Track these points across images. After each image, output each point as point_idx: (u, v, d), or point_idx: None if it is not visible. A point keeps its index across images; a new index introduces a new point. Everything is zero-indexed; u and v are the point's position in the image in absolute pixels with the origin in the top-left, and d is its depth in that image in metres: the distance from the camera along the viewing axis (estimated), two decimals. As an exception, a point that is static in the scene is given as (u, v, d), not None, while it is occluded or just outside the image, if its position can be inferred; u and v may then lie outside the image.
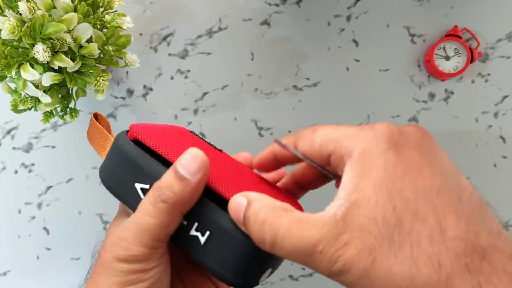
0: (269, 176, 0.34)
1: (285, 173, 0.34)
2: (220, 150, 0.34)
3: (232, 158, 0.34)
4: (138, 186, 0.26)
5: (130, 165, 0.27)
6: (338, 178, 0.26)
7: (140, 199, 0.26)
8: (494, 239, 0.21)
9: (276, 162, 0.30)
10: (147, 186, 0.26)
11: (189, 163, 0.25)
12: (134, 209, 0.27)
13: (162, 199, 0.25)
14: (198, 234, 0.25)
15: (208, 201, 0.26)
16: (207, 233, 0.25)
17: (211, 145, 0.34)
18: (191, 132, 0.35)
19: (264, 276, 0.26)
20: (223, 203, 0.26)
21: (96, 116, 0.34)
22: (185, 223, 0.26)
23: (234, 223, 0.25)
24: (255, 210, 0.23)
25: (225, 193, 0.26)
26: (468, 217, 0.21)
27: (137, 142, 0.28)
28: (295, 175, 0.32)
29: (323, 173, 0.28)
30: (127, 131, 0.29)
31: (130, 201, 0.27)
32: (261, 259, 0.25)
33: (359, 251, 0.20)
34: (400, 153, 0.22)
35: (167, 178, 0.25)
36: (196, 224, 0.26)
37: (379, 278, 0.19)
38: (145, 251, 0.25)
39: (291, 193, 0.33)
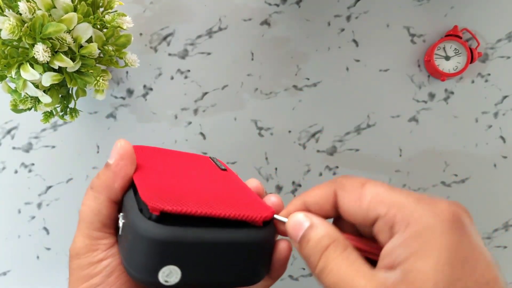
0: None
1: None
2: (224, 169, 0.34)
3: (226, 176, 0.33)
4: (120, 216, 0.28)
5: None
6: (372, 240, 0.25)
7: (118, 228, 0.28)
8: None
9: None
10: (120, 215, 0.27)
11: (112, 151, 0.27)
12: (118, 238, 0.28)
13: (91, 186, 0.27)
14: (120, 223, 0.26)
15: (130, 192, 0.27)
16: (122, 222, 0.26)
17: (217, 164, 0.35)
18: (211, 158, 0.35)
19: (165, 275, 0.23)
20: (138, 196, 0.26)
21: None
22: (119, 215, 0.27)
23: (137, 211, 0.24)
24: (318, 236, 0.24)
25: (139, 188, 0.26)
26: None
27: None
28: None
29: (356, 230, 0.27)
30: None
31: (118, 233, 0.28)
32: (152, 251, 0.23)
33: None
34: (461, 235, 0.21)
35: (99, 171, 0.28)
36: (122, 215, 0.26)
37: None
38: (86, 241, 0.26)
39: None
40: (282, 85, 0.57)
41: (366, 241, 0.25)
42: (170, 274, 0.23)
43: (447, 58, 0.55)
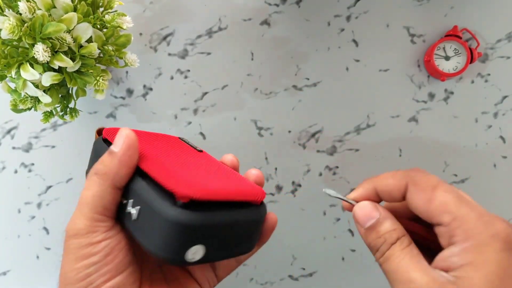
0: None
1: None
2: (201, 151, 0.37)
3: (208, 157, 0.36)
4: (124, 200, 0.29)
5: (95, 155, 0.31)
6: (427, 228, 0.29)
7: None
8: None
9: (378, 200, 0.31)
10: (126, 201, 0.29)
11: (116, 140, 0.29)
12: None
13: (95, 172, 0.28)
14: (132, 210, 0.27)
15: (140, 179, 0.28)
16: (138, 208, 0.27)
17: (192, 146, 0.38)
18: (180, 139, 0.38)
19: (192, 253, 0.26)
20: (156, 184, 0.28)
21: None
22: (125, 201, 0.28)
23: (160, 199, 0.26)
24: (387, 230, 0.27)
25: (158, 177, 0.27)
26: None
27: (106, 140, 0.32)
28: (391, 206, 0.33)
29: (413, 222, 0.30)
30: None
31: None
32: (183, 235, 0.26)
33: None
34: (511, 256, 0.24)
35: (102, 157, 0.29)
36: (131, 201, 0.28)
37: None
38: (87, 222, 0.27)
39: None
40: (282, 85, 0.57)
41: (423, 228, 0.29)
42: (196, 252, 0.26)
43: (447, 58, 0.55)
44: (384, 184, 0.29)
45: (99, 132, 0.36)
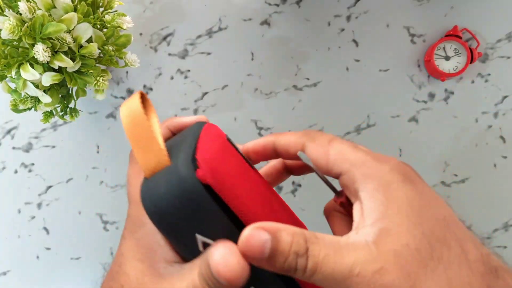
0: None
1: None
2: (251, 165, 0.32)
3: (256, 172, 0.31)
4: (200, 238, 0.23)
5: (197, 216, 0.23)
6: (340, 194, 0.28)
7: (198, 251, 0.23)
8: (497, 258, 0.23)
9: (274, 155, 0.31)
10: (210, 242, 0.23)
11: (228, 264, 0.22)
12: (186, 256, 0.24)
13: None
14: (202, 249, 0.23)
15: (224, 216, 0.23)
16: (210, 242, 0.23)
17: (244, 158, 0.31)
18: (229, 141, 0.31)
19: None
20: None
21: (142, 97, 0.25)
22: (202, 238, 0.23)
23: None
24: (289, 240, 0.22)
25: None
26: (475, 241, 0.23)
27: (208, 187, 0.23)
28: (288, 164, 0.33)
29: (324, 181, 0.28)
30: (194, 162, 0.23)
31: (183, 248, 0.24)
32: None
33: (398, 276, 0.21)
34: (414, 185, 0.24)
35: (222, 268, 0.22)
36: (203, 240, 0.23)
37: None
38: None
39: (276, 175, 0.33)
40: (282, 85, 0.57)
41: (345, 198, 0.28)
42: None
43: (447, 58, 0.55)
44: (283, 140, 0.29)
45: (142, 98, 0.25)
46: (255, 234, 0.21)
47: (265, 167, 0.34)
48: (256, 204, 0.25)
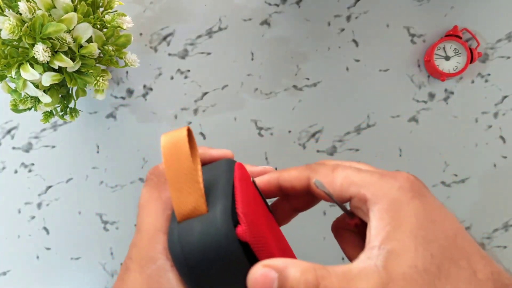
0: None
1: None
2: (266, 203, 0.31)
3: (270, 212, 0.31)
4: None
5: (226, 271, 0.22)
6: (353, 216, 0.28)
7: None
8: (509, 275, 0.23)
9: (279, 192, 0.30)
10: None
11: None
12: None
13: None
14: None
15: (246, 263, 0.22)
16: None
17: (261, 194, 0.30)
18: (254, 184, 0.31)
19: None
20: None
21: (189, 134, 0.24)
22: None
23: None
24: (298, 277, 0.21)
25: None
26: (486, 257, 0.23)
27: (245, 244, 0.22)
28: (292, 201, 0.32)
29: (344, 211, 0.28)
30: (234, 216, 0.23)
31: None
32: None
33: None
34: (423, 200, 0.24)
35: None
36: None
37: None
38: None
39: (283, 213, 0.32)
40: (282, 85, 0.57)
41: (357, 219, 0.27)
42: None
43: (447, 58, 0.55)
44: (287, 174, 0.29)
45: (189, 138, 0.24)
46: (263, 273, 0.22)
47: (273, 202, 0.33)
48: (279, 253, 0.25)
